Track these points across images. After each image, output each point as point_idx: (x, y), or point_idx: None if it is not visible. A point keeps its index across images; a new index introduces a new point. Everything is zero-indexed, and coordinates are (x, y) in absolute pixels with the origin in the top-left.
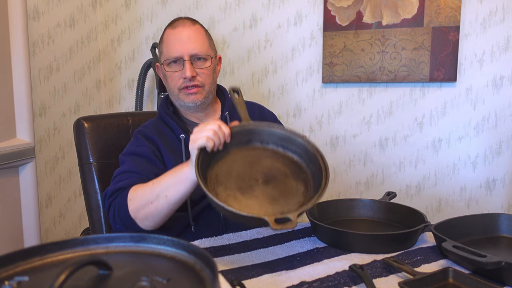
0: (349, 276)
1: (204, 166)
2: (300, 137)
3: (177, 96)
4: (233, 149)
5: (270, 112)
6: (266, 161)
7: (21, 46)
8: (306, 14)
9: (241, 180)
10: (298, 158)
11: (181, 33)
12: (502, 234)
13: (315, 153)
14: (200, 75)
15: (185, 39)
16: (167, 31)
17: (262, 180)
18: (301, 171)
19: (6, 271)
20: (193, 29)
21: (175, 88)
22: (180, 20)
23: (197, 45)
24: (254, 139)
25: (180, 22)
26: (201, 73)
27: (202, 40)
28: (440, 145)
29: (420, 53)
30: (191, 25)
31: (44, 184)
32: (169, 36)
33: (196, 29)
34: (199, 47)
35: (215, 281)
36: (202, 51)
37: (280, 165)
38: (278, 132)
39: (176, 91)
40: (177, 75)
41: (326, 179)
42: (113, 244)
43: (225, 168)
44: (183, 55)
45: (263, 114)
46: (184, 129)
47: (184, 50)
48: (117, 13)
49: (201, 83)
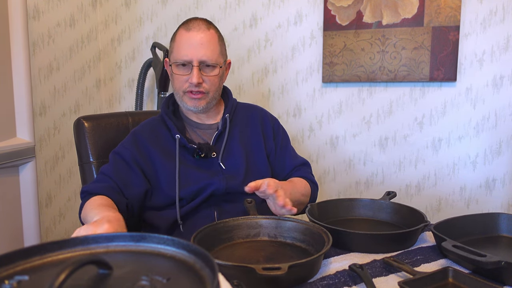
0: (349, 275)
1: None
2: (304, 223)
3: (181, 98)
4: (239, 240)
5: (273, 118)
6: (271, 248)
7: (21, 45)
8: (306, 13)
9: (242, 261)
10: (306, 245)
11: (194, 37)
12: (501, 233)
13: (320, 232)
14: (206, 82)
15: (197, 44)
16: (180, 31)
17: (264, 260)
18: (307, 254)
19: (6, 270)
20: (207, 34)
21: (180, 90)
22: (196, 22)
23: (207, 52)
24: (262, 233)
25: (195, 24)
26: (208, 80)
27: (213, 46)
28: (440, 144)
29: (420, 53)
30: (205, 30)
31: (44, 183)
32: (181, 38)
33: (210, 34)
34: (210, 54)
35: (215, 280)
36: (212, 59)
37: (287, 251)
38: (286, 225)
39: (180, 93)
40: (183, 78)
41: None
42: (113, 244)
43: (227, 252)
44: (192, 60)
45: (265, 122)
46: (181, 129)
47: (194, 55)
48: (117, 12)
49: (206, 90)
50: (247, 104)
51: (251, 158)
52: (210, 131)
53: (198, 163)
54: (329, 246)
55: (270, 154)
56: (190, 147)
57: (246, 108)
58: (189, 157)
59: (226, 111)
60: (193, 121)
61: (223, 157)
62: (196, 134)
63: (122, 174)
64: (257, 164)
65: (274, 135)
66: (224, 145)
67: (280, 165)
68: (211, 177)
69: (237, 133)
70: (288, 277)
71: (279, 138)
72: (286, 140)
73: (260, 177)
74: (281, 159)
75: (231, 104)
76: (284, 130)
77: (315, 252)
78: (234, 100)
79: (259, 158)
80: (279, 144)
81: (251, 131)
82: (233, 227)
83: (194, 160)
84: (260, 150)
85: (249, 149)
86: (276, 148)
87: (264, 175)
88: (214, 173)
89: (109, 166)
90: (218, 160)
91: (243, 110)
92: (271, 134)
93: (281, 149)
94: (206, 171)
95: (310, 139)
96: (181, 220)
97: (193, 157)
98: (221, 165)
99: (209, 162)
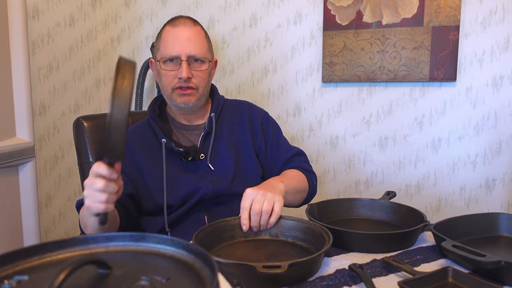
0: (349, 275)
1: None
2: (305, 221)
3: (170, 96)
4: (241, 239)
5: (260, 112)
6: (272, 247)
7: (20, 45)
8: (306, 13)
9: (242, 259)
10: (307, 244)
11: (182, 33)
12: (501, 233)
13: (321, 231)
14: (196, 77)
15: (184, 39)
16: (166, 28)
17: (264, 258)
18: (308, 253)
19: (6, 270)
20: (194, 30)
21: (169, 87)
22: (182, 19)
23: (196, 47)
24: (263, 232)
25: (181, 21)
26: (197, 75)
27: (201, 42)
28: (440, 144)
29: (420, 53)
30: (192, 26)
31: (44, 183)
32: (168, 34)
33: (197, 31)
34: (198, 49)
35: (214, 280)
36: (201, 53)
37: (288, 250)
38: (287, 224)
39: (169, 90)
40: (172, 74)
41: (329, 242)
42: (113, 243)
43: (228, 251)
44: (180, 54)
45: (253, 117)
46: (168, 133)
47: (183, 50)
48: (117, 12)
49: (196, 85)
50: (235, 101)
51: (240, 158)
52: (197, 131)
53: (186, 166)
54: (330, 245)
55: (260, 151)
56: (176, 150)
57: (235, 106)
58: (177, 160)
59: (212, 109)
60: (181, 123)
61: (211, 158)
62: (183, 136)
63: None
64: (246, 164)
65: (263, 130)
66: (211, 145)
67: (273, 161)
68: (199, 182)
69: (225, 132)
70: (288, 275)
71: (268, 132)
72: (276, 134)
73: (248, 177)
74: (274, 154)
75: (217, 102)
76: (275, 123)
77: (315, 251)
78: (221, 97)
79: (248, 157)
80: (270, 139)
81: (239, 130)
82: (235, 226)
83: (182, 163)
84: (249, 149)
85: (238, 149)
86: (266, 144)
87: (253, 175)
88: (202, 175)
89: None
90: (207, 161)
91: (231, 108)
92: (259, 129)
93: (272, 144)
94: (194, 174)
95: (310, 139)
96: (171, 226)
97: (181, 160)
98: (209, 166)
99: (197, 164)
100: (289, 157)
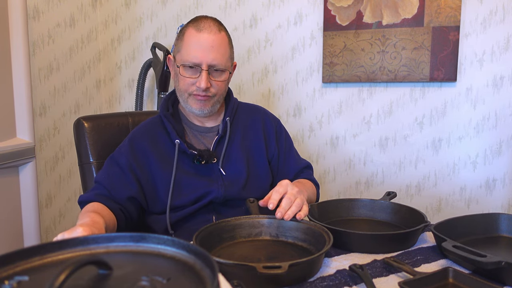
0: (350, 275)
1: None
2: (305, 222)
3: (186, 100)
4: (241, 239)
5: (275, 120)
6: (273, 247)
7: (21, 45)
8: (306, 13)
9: (243, 259)
10: (307, 245)
11: (206, 40)
12: (502, 234)
13: (321, 232)
14: (214, 87)
15: (207, 47)
16: (190, 30)
17: (265, 259)
18: (309, 254)
19: (6, 271)
20: (218, 37)
21: (185, 92)
22: (207, 23)
23: (218, 56)
24: (264, 232)
25: (206, 25)
26: (215, 84)
27: (224, 50)
28: (440, 145)
29: (420, 53)
30: (217, 32)
31: (44, 183)
32: (191, 38)
33: (221, 37)
34: (220, 59)
35: (215, 280)
36: (222, 64)
37: (288, 250)
38: (287, 225)
39: (185, 95)
40: (190, 81)
41: (329, 243)
42: (113, 244)
43: (228, 251)
44: (202, 63)
45: (267, 125)
46: (181, 133)
47: (204, 58)
48: (117, 12)
49: (213, 94)
50: (249, 105)
51: (252, 164)
52: (210, 134)
53: (197, 169)
54: (330, 245)
55: (273, 158)
56: (190, 153)
57: (248, 110)
58: (188, 162)
59: (227, 114)
60: (194, 124)
61: (223, 162)
62: (196, 138)
63: (114, 179)
64: (258, 169)
65: (276, 138)
66: (224, 150)
67: (285, 169)
68: (210, 185)
69: (238, 137)
70: (288, 276)
71: (282, 141)
72: (289, 143)
73: (260, 183)
74: (286, 162)
75: (232, 106)
76: (287, 132)
77: (316, 251)
78: (235, 100)
79: (260, 163)
80: (283, 148)
81: (252, 135)
82: (235, 226)
83: (193, 165)
84: (261, 155)
85: (250, 154)
86: (279, 152)
87: (264, 181)
88: (213, 179)
89: (103, 172)
90: (219, 165)
91: (245, 112)
92: (273, 137)
93: (285, 153)
94: (206, 177)
95: (310, 139)
96: (178, 225)
97: (192, 162)
98: (221, 171)
99: (209, 168)
100: (301, 168)
